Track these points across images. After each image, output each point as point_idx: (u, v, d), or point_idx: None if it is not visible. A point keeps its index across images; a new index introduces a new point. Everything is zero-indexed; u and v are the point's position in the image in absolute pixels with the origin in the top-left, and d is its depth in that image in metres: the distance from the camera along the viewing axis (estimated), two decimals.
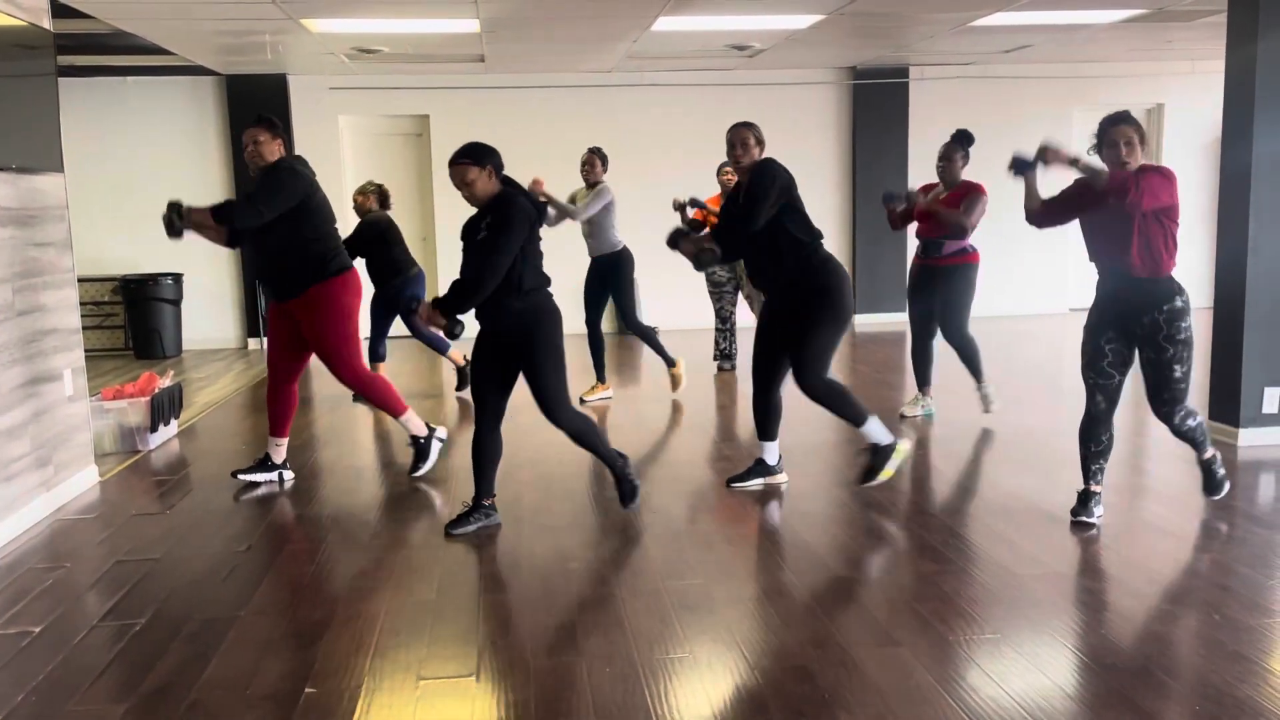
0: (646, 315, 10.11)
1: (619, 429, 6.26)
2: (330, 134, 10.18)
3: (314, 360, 5.09)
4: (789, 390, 4.71)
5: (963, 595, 3.55)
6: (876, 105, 10.58)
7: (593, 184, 6.88)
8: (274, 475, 5.16)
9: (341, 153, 10.24)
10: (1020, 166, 4.26)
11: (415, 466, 5.22)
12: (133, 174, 9.92)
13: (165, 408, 6.16)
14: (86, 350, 5.66)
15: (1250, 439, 5.45)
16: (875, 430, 4.62)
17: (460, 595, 3.69)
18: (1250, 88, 5.31)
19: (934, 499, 4.71)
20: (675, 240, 4.74)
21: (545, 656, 3.15)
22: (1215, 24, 7.80)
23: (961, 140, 5.91)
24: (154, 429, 6.00)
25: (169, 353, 9.72)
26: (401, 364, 8.65)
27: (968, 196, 5.86)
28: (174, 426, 6.37)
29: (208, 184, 9.80)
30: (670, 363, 7.14)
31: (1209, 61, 10.39)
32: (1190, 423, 4.19)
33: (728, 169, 7.51)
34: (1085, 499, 4.26)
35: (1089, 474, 4.26)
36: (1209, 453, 4.39)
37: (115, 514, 4.75)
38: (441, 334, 4.15)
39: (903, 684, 2.91)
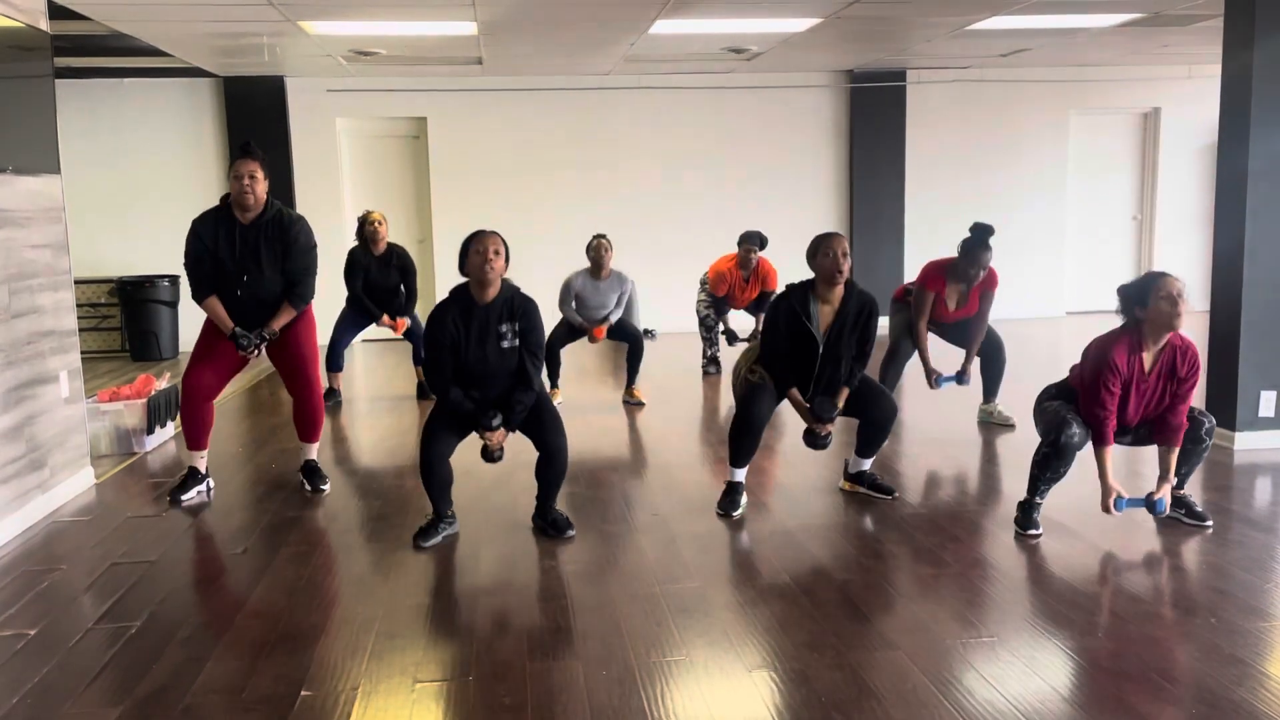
0: (642, 318, 10.11)
1: (614, 431, 6.26)
2: (327, 136, 10.18)
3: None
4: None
5: (959, 599, 3.55)
6: (874, 108, 10.58)
7: (599, 267, 6.81)
8: (203, 486, 5.07)
9: (339, 155, 10.23)
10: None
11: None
12: (130, 176, 9.90)
13: (161, 410, 6.16)
14: (83, 352, 5.64)
15: (1246, 443, 5.46)
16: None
17: (456, 598, 3.69)
18: (1246, 92, 5.32)
19: (930, 503, 4.71)
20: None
21: (541, 660, 3.14)
22: (1212, 28, 7.81)
23: (990, 233, 5.69)
24: (150, 431, 5.99)
25: (166, 355, 9.69)
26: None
27: (987, 294, 5.84)
28: (170, 428, 6.36)
29: (204, 186, 9.77)
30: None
31: (1206, 65, 10.42)
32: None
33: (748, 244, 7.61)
34: (1030, 509, 4.22)
35: (1039, 492, 4.21)
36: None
37: (111, 516, 4.74)
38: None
39: (899, 687, 2.91)
